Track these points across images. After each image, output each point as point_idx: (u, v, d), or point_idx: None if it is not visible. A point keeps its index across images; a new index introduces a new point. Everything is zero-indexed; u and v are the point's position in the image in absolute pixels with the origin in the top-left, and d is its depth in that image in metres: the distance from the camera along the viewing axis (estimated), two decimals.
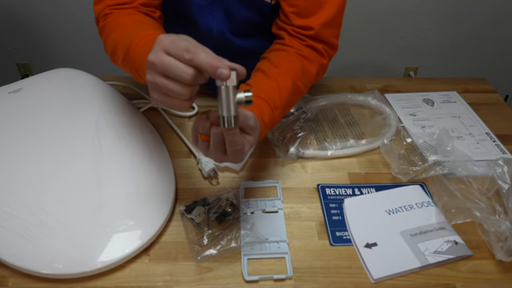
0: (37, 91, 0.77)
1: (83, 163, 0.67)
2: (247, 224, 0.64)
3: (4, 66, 2.00)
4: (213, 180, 0.72)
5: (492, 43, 1.93)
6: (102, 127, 0.72)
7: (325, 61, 0.73)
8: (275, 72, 0.66)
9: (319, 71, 0.73)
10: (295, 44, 0.71)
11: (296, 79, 0.68)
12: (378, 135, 0.81)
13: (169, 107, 0.70)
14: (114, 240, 0.59)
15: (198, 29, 0.78)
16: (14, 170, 0.65)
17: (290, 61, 0.69)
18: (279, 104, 0.63)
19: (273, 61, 0.69)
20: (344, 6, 0.72)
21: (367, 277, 0.59)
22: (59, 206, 0.62)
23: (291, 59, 0.69)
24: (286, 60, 0.69)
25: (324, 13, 0.70)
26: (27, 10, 1.82)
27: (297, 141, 0.77)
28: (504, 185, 0.68)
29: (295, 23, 0.71)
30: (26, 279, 0.57)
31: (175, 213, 0.66)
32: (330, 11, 0.70)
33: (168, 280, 0.58)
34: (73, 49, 1.94)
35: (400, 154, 0.75)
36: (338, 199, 0.69)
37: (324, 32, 0.71)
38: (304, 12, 0.70)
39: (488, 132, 0.83)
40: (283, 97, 0.65)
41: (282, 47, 0.71)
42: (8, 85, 0.78)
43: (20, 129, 0.70)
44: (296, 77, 0.68)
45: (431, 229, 0.64)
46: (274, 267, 0.60)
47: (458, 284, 0.58)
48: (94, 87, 0.80)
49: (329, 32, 0.71)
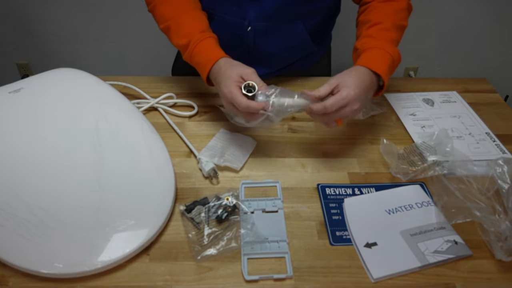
0: (37, 91, 0.77)
1: (83, 163, 0.67)
2: (247, 223, 0.64)
3: (4, 66, 2.00)
4: (213, 179, 0.72)
5: (492, 43, 1.93)
6: (102, 127, 0.72)
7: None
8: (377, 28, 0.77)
9: (408, 4, 0.83)
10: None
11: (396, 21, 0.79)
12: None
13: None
14: (114, 240, 0.59)
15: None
16: (14, 169, 0.65)
17: (384, 11, 0.80)
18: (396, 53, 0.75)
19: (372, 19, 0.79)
20: None
21: (367, 276, 0.59)
22: (59, 206, 0.62)
23: (382, 9, 0.80)
24: (381, 13, 0.79)
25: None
26: (27, 10, 1.82)
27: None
28: (504, 185, 0.68)
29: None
30: (26, 279, 0.57)
31: (175, 212, 0.67)
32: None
33: (168, 280, 0.58)
34: (73, 49, 1.94)
35: (399, 154, 0.75)
36: (338, 199, 0.69)
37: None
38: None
39: (488, 132, 0.83)
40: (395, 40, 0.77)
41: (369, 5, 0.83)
42: (8, 85, 0.78)
43: (20, 129, 0.70)
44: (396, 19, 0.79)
45: (431, 228, 0.64)
46: (274, 267, 0.60)
47: (458, 283, 0.58)
48: (94, 87, 0.80)
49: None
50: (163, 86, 0.93)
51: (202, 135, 0.81)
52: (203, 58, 0.75)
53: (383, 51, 0.73)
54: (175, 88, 0.93)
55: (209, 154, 0.75)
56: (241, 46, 0.90)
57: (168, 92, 0.89)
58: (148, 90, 0.90)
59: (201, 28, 0.78)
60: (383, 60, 0.73)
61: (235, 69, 0.70)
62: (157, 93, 0.89)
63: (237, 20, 0.86)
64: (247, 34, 0.87)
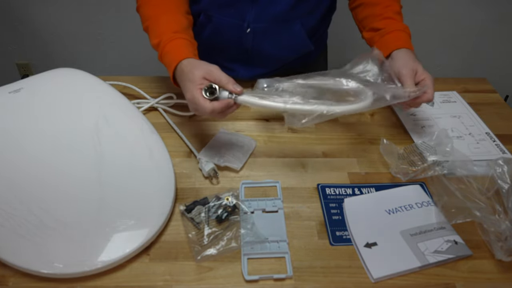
0: (37, 91, 0.77)
1: (83, 162, 0.67)
2: (247, 223, 0.64)
3: (4, 66, 2.00)
4: (213, 179, 0.72)
5: (492, 43, 1.93)
6: (102, 127, 0.72)
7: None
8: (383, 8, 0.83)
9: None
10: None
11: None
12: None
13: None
14: (114, 240, 0.59)
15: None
16: (14, 169, 0.65)
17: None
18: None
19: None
20: None
21: (367, 276, 0.59)
22: (59, 206, 0.62)
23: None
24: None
25: None
26: (27, 10, 1.82)
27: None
28: (504, 185, 0.68)
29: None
30: (26, 279, 0.57)
31: (175, 212, 0.67)
32: None
33: (168, 280, 0.58)
34: (73, 49, 1.94)
35: (399, 154, 0.75)
36: (338, 199, 0.69)
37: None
38: None
39: (488, 132, 0.83)
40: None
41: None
42: (8, 85, 0.78)
43: (20, 129, 0.70)
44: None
45: (431, 228, 0.64)
46: (274, 267, 0.60)
47: (458, 283, 0.58)
48: (94, 87, 0.80)
49: None
50: (163, 86, 0.93)
51: (202, 135, 0.81)
52: (169, 59, 0.73)
53: (405, 34, 0.81)
54: (175, 88, 0.93)
55: (209, 154, 0.75)
56: (239, 48, 0.90)
57: (168, 92, 0.89)
58: (148, 90, 0.90)
59: (174, 29, 0.75)
60: (409, 41, 0.81)
61: (197, 71, 0.67)
62: (157, 93, 0.89)
63: (236, 22, 0.86)
64: (246, 36, 0.87)
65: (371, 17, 0.85)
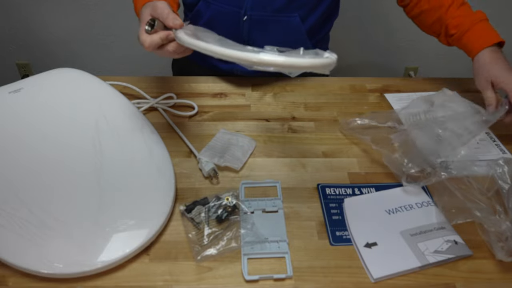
0: (37, 91, 0.77)
1: (83, 163, 0.67)
2: (247, 223, 0.64)
3: (4, 66, 2.00)
4: (213, 179, 0.72)
5: None
6: (102, 127, 0.72)
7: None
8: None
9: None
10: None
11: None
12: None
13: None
14: (114, 240, 0.59)
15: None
16: (14, 170, 0.65)
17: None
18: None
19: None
20: None
21: (367, 276, 0.59)
22: (59, 206, 0.62)
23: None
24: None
25: None
26: (27, 10, 1.82)
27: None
28: (504, 185, 0.68)
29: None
30: (26, 279, 0.57)
31: (175, 212, 0.67)
32: None
33: (168, 280, 0.58)
34: (73, 49, 1.94)
35: (399, 154, 0.75)
36: (338, 199, 0.69)
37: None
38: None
39: (488, 132, 0.83)
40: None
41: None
42: (8, 85, 0.78)
43: (20, 129, 0.70)
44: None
45: (431, 229, 0.64)
46: (274, 267, 0.60)
47: (458, 283, 0.58)
48: (94, 87, 0.80)
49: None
50: (163, 86, 0.93)
51: (202, 135, 0.81)
52: (136, 7, 0.77)
53: (478, 26, 0.84)
54: (175, 88, 0.93)
55: (209, 154, 0.75)
56: (235, 39, 0.88)
57: (168, 92, 0.89)
58: (148, 90, 0.90)
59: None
60: (489, 29, 0.84)
61: (145, 9, 0.69)
62: (157, 93, 0.89)
63: (234, 10, 0.87)
64: (242, 24, 0.88)
65: (438, 22, 0.89)
